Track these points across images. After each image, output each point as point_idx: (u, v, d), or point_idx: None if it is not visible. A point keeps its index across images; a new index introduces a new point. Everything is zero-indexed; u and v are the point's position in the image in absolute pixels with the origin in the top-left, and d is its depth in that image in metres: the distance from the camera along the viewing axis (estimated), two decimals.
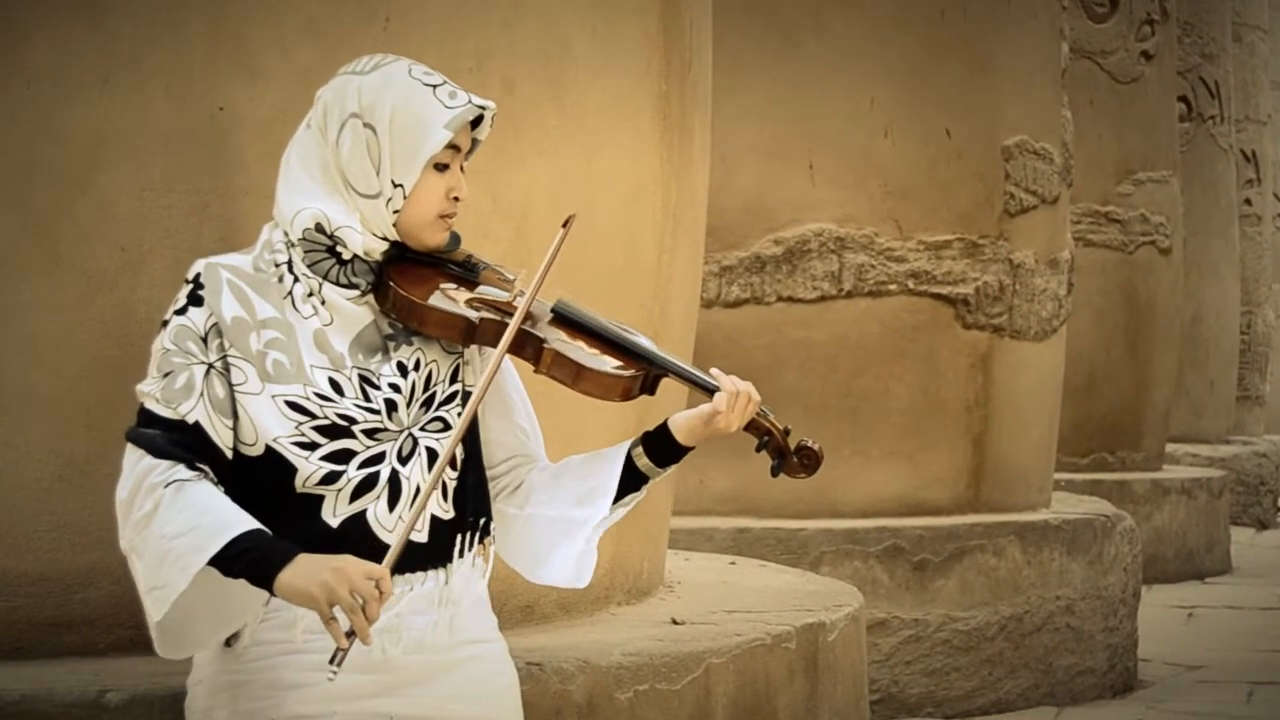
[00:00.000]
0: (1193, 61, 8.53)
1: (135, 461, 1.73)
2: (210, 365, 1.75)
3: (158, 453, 1.72)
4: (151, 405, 1.75)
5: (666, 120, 2.81)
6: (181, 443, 1.73)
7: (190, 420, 1.73)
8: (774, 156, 4.65)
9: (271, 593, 1.68)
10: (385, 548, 1.74)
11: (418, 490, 1.77)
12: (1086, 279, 6.37)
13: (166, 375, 1.75)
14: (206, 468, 1.74)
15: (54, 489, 2.29)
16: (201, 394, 1.74)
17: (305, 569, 1.66)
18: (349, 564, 1.66)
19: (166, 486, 1.69)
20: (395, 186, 1.79)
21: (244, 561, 1.67)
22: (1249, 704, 4.84)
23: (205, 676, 1.80)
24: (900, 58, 4.65)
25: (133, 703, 2.07)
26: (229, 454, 1.75)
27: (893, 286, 4.65)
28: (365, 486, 1.76)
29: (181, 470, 1.71)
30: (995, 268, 4.76)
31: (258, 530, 1.69)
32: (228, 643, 1.78)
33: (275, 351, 1.76)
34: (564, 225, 1.83)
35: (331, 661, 1.64)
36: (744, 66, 4.58)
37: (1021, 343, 4.84)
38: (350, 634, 1.65)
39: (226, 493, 1.74)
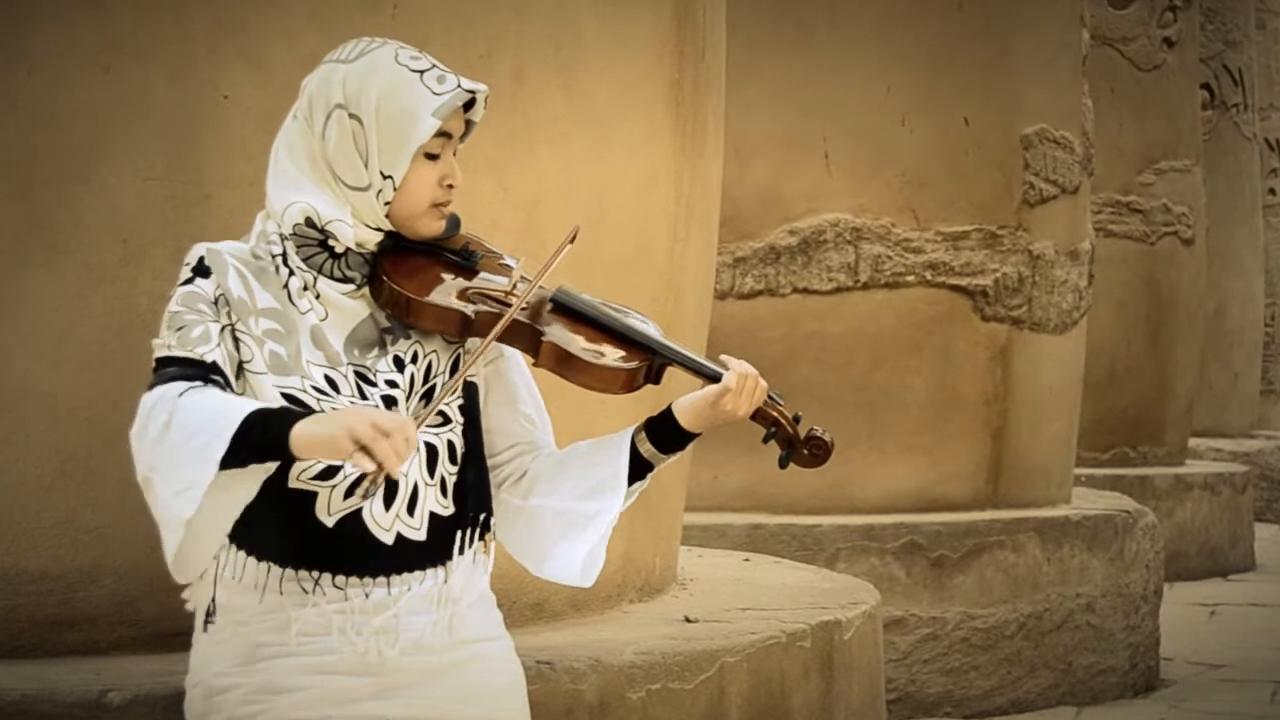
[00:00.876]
0: (1215, 48, 8.44)
1: (148, 397, 1.66)
2: (224, 326, 1.71)
3: (170, 379, 1.66)
4: (165, 352, 1.69)
5: (679, 109, 2.77)
6: (198, 369, 1.67)
7: (208, 360, 1.68)
8: (789, 145, 4.60)
9: (289, 456, 1.61)
10: (382, 548, 1.72)
11: (415, 488, 1.74)
12: (1107, 270, 6.30)
13: (180, 329, 1.70)
14: (221, 381, 1.68)
15: (55, 485, 2.27)
16: (218, 345, 1.69)
17: (321, 419, 1.61)
18: (368, 409, 1.64)
19: (180, 396, 1.63)
20: (385, 178, 1.75)
21: (254, 436, 1.60)
22: (1273, 703, 4.78)
23: (201, 680, 1.77)
24: (917, 45, 4.59)
25: (134, 702, 2.05)
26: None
27: (910, 278, 4.60)
28: (360, 483, 1.72)
29: (196, 384, 1.65)
30: (1014, 259, 4.70)
31: (269, 407, 1.64)
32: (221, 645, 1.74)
33: (272, 342, 1.73)
34: (570, 240, 1.77)
35: (353, 492, 1.62)
36: (758, 54, 4.53)
37: (1041, 335, 4.79)
38: (379, 468, 1.56)
39: None
